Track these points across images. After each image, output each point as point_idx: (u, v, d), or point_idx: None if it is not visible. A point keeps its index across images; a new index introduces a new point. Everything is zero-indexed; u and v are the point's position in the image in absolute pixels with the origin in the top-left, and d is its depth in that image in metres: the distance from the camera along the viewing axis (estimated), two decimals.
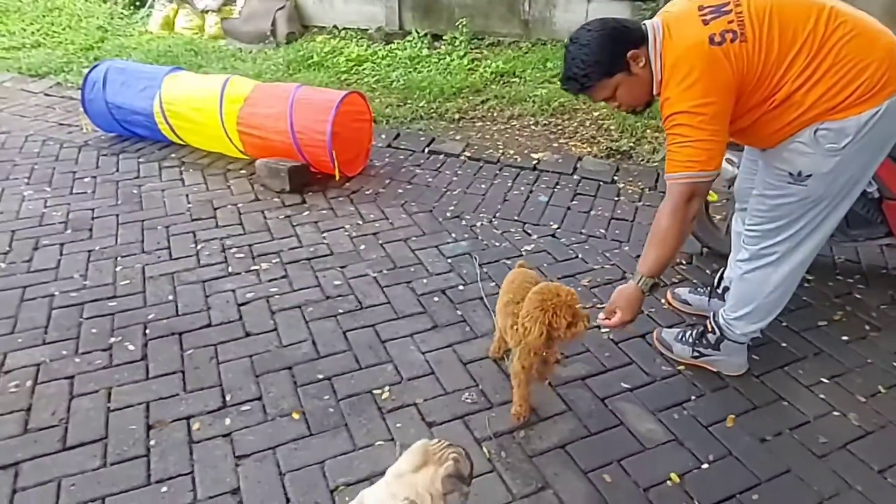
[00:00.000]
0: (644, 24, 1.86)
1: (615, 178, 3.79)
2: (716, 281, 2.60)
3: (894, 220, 2.61)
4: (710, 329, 2.30)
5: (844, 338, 2.53)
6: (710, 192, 2.36)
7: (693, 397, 2.23)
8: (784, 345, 2.48)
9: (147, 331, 2.55)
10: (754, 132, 1.90)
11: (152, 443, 2.04)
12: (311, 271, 2.91)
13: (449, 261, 2.99)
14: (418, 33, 6.07)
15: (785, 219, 1.96)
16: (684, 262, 3.00)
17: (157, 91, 3.90)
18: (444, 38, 5.99)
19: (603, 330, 2.50)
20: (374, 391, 2.23)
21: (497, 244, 3.11)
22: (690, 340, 2.35)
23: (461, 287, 2.79)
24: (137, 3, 7.49)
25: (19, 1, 7.36)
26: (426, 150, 4.17)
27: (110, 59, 4.82)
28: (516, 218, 3.38)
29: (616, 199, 3.57)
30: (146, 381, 2.30)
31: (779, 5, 1.73)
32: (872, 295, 2.79)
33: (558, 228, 3.29)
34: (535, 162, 3.99)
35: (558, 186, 3.72)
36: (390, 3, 6.22)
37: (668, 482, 1.91)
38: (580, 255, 3.05)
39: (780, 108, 1.78)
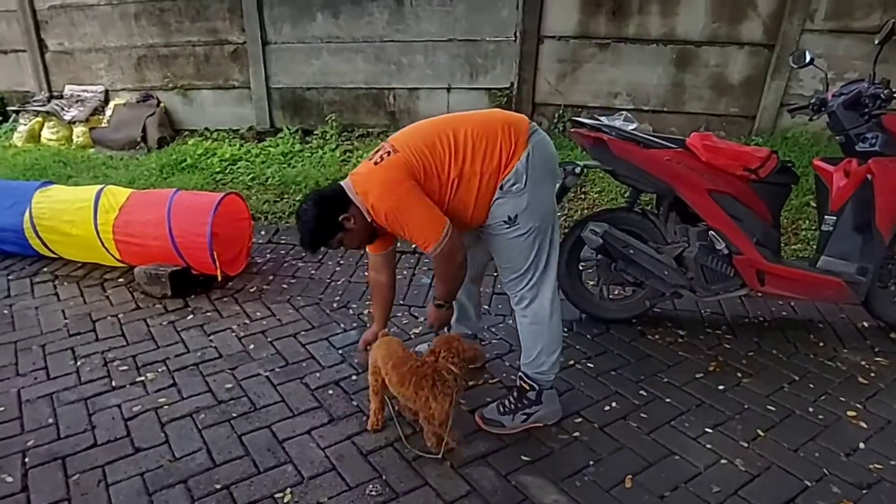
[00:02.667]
0: (341, 184, 2.30)
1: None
2: None
3: (745, 273, 2.92)
4: (527, 388, 2.44)
5: (721, 387, 2.70)
6: None
7: (591, 462, 2.28)
8: (668, 400, 2.61)
9: (26, 459, 2.31)
10: (464, 216, 2.26)
11: None
12: (201, 376, 2.80)
13: (340, 352, 2.97)
14: (289, 130, 6.19)
15: (520, 261, 2.30)
16: (566, 329, 3.13)
17: (28, 207, 3.73)
18: (314, 133, 6.14)
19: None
20: (276, 495, 2.13)
21: (386, 330, 3.12)
22: (512, 407, 2.45)
23: (354, 377, 2.77)
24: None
25: None
26: None
27: None
28: (402, 302, 3.43)
29: (494, 275, 3.70)
30: None
31: (419, 132, 2.25)
32: (740, 343, 3.03)
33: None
34: (413, 246, 4.10)
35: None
36: (260, 104, 6.33)
37: None
38: None
39: (463, 183, 2.19)
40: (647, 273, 3.00)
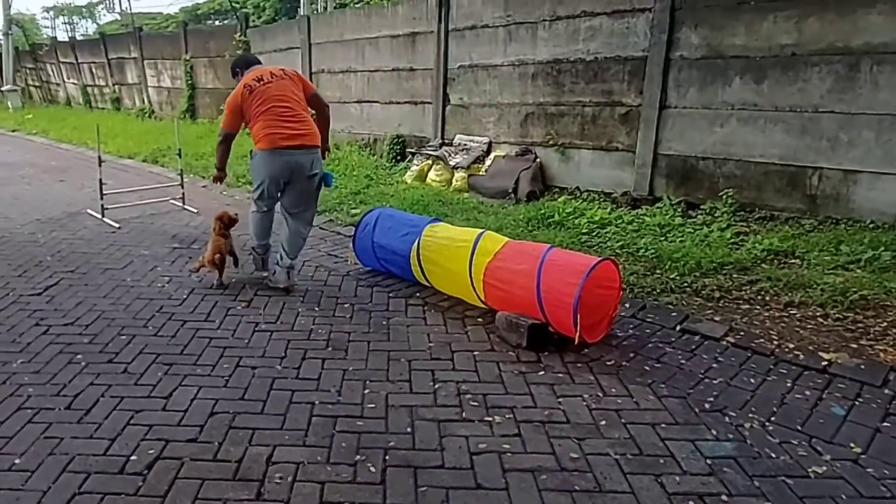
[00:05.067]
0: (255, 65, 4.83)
1: None
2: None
3: None
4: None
5: None
6: None
7: None
8: None
9: (387, 457, 2.71)
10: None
11: None
12: (545, 436, 2.85)
13: (708, 462, 2.69)
14: (671, 200, 6.18)
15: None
16: None
17: (418, 238, 4.48)
18: (701, 207, 6.00)
19: None
20: None
21: (773, 455, 2.74)
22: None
23: (724, 497, 2.47)
24: (398, 158, 9.03)
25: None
26: (678, 327, 4.01)
27: (378, 205, 5.97)
28: (799, 428, 2.95)
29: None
30: None
31: (270, 96, 4.44)
32: None
33: (862, 454, 2.78)
34: (824, 363, 3.54)
35: (860, 399, 3.20)
36: (642, 170, 6.49)
37: None
38: None
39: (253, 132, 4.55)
40: None
